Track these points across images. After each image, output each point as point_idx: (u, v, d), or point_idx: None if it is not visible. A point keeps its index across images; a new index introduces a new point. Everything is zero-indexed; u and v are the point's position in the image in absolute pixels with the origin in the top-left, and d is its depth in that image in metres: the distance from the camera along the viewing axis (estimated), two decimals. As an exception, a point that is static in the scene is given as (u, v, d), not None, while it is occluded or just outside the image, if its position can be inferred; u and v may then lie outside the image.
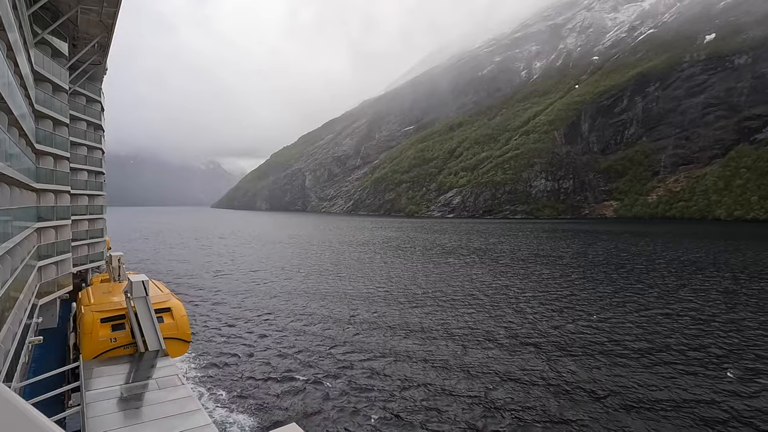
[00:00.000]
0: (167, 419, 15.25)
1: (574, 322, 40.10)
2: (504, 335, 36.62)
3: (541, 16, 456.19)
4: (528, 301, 48.64)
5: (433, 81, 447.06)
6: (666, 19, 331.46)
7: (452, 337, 36.46)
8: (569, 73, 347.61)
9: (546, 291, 53.70)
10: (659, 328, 37.64)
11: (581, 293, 52.22)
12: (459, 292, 54.00)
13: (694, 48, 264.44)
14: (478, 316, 42.96)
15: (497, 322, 40.46)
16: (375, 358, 32.21)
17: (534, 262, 78.23)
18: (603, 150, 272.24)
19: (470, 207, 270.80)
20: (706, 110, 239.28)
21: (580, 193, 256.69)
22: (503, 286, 57.17)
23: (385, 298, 51.60)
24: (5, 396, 1.93)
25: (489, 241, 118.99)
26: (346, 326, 40.36)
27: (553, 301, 48.45)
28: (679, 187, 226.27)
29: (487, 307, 46.39)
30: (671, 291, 52.55)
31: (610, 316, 42.14)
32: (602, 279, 61.27)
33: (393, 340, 36.20)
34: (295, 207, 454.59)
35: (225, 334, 38.88)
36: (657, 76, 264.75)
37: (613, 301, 48.28)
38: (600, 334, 36.37)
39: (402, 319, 42.03)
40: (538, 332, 37.17)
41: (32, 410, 1.94)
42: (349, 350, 33.94)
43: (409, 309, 46.14)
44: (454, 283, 59.39)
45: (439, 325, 39.98)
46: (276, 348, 34.92)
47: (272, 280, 64.79)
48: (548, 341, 34.77)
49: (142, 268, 67.21)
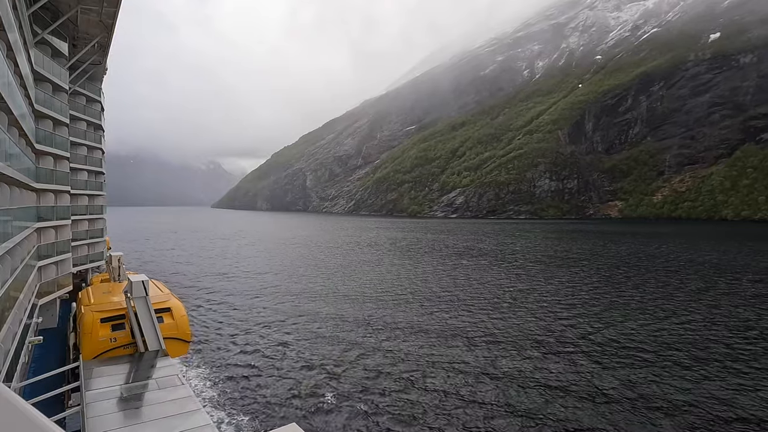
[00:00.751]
0: (167, 419, 15.36)
1: (604, 327, 39.25)
2: (527, 339, 36.08)
3: (543, 15, 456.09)
4: (551, 305, 47.03)
5: (434, 80, 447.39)
6: (670, 18, 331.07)
7: (464, 340, 36.18)
8: (572, 72, 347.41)
9: (568, 294, 52.21)
10: (695, 335, 36.23)
11: (603, 297, 50.70)
12: (475, 294, 52.89)
13: (698, 47, 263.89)
14: (497, 318, 42.18)
15: (517, 326, 39.85)
16: (376, 358, 32.30)
17: (551, 264, 76.50)
18: (607, 150, 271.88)
19: (473, 207, 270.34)
20: (712, 109, 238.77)
21: (584, 193, 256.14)
22: (524, 289, 55.80)
23: (393, 299, 51.48)
24: (5, 396, 1.93)
25: (499, 242, 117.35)
26: (349, 327, 40.45)
27: (577, 305, 46.99)
28: (685, 187, 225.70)
29: (507, 310, 45.38)
30: (696, 294, 50.98)
31: (633, 320, 41.20)
32: (621, 281, 59.69)
33: (397, 341, 36.23)
34: (296, 207, 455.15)
35: (225, 334, 39.08)
36: (661, 76, 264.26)
37: (634, 304, 47.03)
38: (624, 339, 35.71)
39: (407, 320, 42.05)
40: (565, 337, 36.24)
41: (32, 410, 1.94)
42: (350, 350, 34.05)
43: (417, 310, 46.10)
44: (470, 286, 58.04)
45: (452, 327, 39.69)
46: (277, 348, 35.07)
47: (277, 282, 64.83)
48: (576, 347, 33.87)
49: (145, 270, 67.44)
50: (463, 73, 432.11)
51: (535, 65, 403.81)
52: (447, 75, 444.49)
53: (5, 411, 1.85)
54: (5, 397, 1.92)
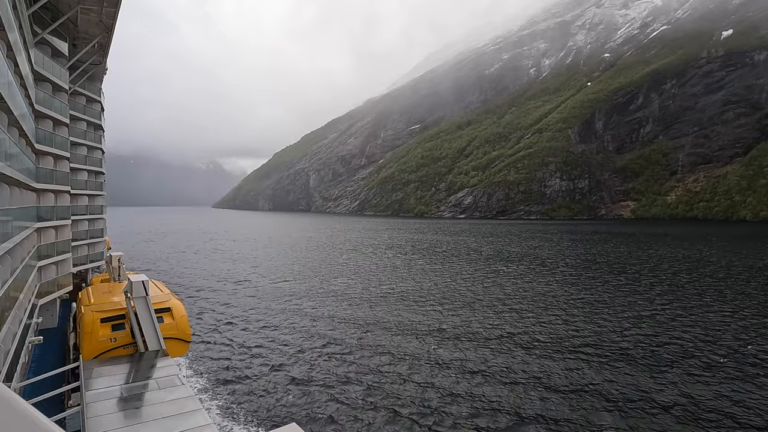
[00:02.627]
0: (167, 419, 15.63)
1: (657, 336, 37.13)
2: (580, 349, 34.35)
3: (549, 13, 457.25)
4: (616, 315, 43.67)
5: (438, 79, 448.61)
6: (679, 16, 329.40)
7: (507, 345, 35.81)
8: (580, 70, 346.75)
9: (636, 305, 47.86)
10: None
11: (664, 309, 46.35)
12: (527, 302, 49.99)
13: (710, 44, 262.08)
14: (546, 327, 40.26)
15: (569, 334, 38.10)
16: (377, 358, 32.56)
17: (596, 269, 71.51)
18: (618, 149, 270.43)
19: (483, 207, 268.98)
20: (725, 108, 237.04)
21: (595, 193, 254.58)
22: (576, 296, 52.22)
23: (398, 301, 51.74)
24: (5, 396, 1.94)
25: (527, 244, 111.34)
26: (354, 328, 40.72)
27: (640, 316, 43.31)
28: (699, 187, 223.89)
29: (578, 322, 41.70)
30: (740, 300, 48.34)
31: (675, 326, 39.59)
32: (664, 288, 56.17)
33: (404, 342, 36.44)
34: (298, 207, 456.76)
35: (225, 334, 39.63)
36: (673, 73, 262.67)
37: (679, 311, 44.69)
38: (670, 345, 34.63)
39: (425, 322, 42.27)
40: (619, 347, 34.71)
41: (32, 410, 1.96)
42: (352, 351, 34.37)
43: (434, 312, 46.26)
44: (518, 294, 54.16)
45: (482, 332, 39.24)
46: (277, 348, 35.52)
47: (278, 282, 65.22)
48: (635, 359, 32.36)
49: (146, 270, 68.00)
50: (468, 72, 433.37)
51: (541, 63, 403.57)
52: (450, 74, 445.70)
53: (5, 411, 1.87)
54: (5, 397, 1.93)
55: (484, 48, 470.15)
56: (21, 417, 1.89)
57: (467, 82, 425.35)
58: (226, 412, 25.19)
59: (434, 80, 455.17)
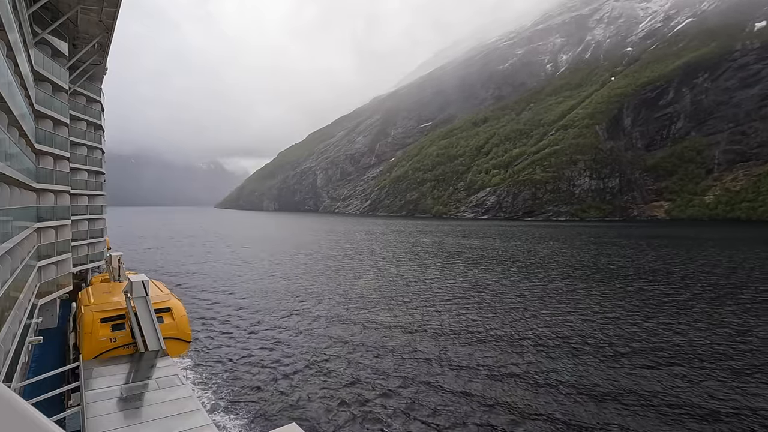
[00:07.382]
0: (167, 419, 16.38)
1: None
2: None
3: (564, 8, 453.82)
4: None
5: (447, 77, 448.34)
6: (705, 8, 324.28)
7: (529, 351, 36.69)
8: (601, 65, 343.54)
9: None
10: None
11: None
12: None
13: (744, 36, 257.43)
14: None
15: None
16: (379, 359, 33.12)
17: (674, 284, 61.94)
18: (647, 146, 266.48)
19: (507, 207, 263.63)
20: (763, 102, 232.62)
21: (627, 193, 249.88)
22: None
23: (405, 303, 51.98)
24: (5, 396, 1.99)
25: (587, 250, 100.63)
26: (355, 328, 41.24)
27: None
28: (739, 186, 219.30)
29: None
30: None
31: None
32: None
33: (406, 342, 36.70)
34: (305, 207, 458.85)
35: (225, 334, 40.87)
36: (706, 66, 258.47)
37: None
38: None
39: (432, 324, 42.63)
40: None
41: (32, 410, 2.01)
42: (353, 352, 35.24)
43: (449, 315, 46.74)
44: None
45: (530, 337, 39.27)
46: (278, 348, 36.57)
47: (280, 283, 65.84)
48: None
49: (147, 270, 68.93)
50: (479, 68, 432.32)
51: (558, 58, 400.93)
52: (460, 71, 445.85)
53: (5, 411, 1.92)
54: (5, 397, 1.98)
55: (496, 44, 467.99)
56: (21, 417, 1.94)
57: (479, 79, 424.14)
58: (226, 412, 26.18)
59: (443, 77, 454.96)
